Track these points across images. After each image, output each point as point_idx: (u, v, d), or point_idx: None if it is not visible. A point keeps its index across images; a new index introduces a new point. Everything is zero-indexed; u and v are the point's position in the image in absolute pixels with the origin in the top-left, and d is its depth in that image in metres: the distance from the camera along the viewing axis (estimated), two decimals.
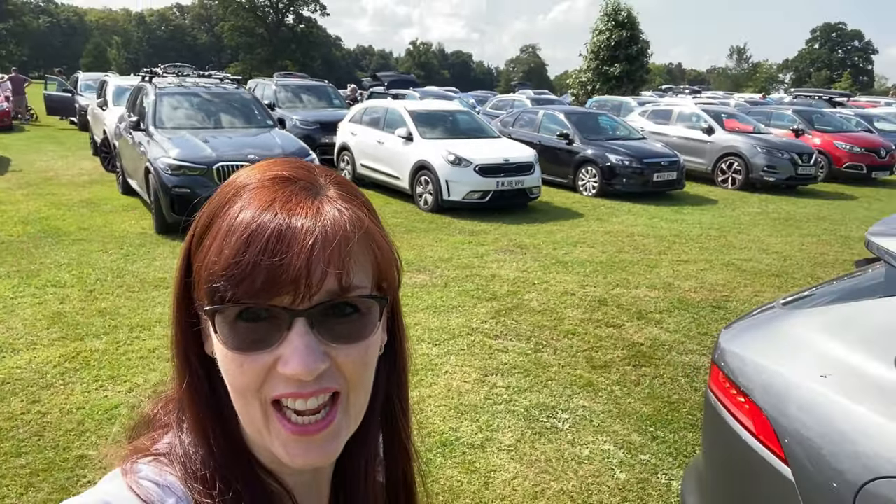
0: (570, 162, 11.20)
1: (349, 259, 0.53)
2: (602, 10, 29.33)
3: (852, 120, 15.70)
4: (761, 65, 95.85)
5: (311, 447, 0.55)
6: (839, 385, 1.50)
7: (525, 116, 12.82)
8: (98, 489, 0.56)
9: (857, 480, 1.37)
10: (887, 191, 12.99)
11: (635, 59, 28.88)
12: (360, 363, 0.56)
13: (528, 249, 7.32)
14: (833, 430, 1.48)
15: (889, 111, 19.44)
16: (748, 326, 1.90)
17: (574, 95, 29.99)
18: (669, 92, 30.44)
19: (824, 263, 7.11)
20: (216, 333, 0.55)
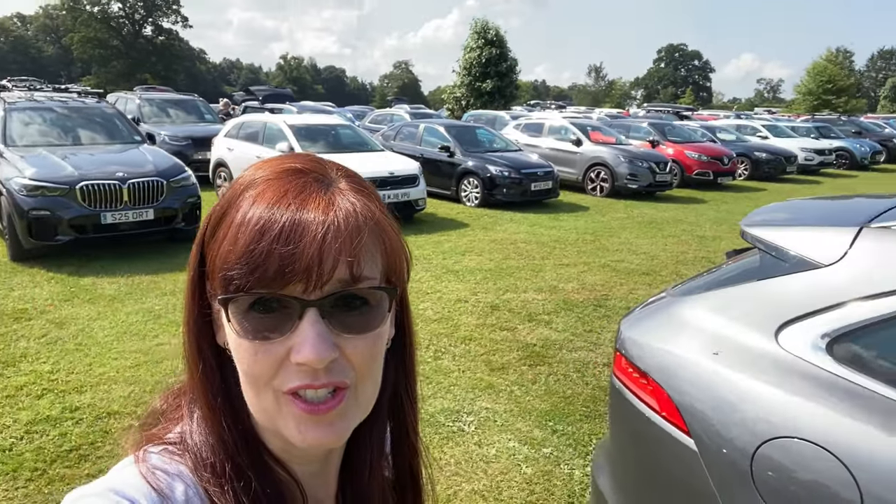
0: (452, 174, 11.47)
1: (360, 249, 0.54)
2: (472, 29, 30.43)
3: (698, 131, 17.36)
4: (616, 82, 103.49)
5: (322, 425, 0.56)
6: (729, 360, 1.68)
7: (406, 130, 12.99)
8: (108, 477, 0.56)
9: (751, 445, 1.54)
10: (731, 194, 14.46)
11: (505, 75, 30.18)
12: (368, 355, 0.57)
13: (418, 260, 7.40)
14: (725, 401, 1.65)
15: (728, 123, 21.71)
16: (645, 314, 2.06)
17: (449, 110, 30.77)
18: (538, 107, 32.02)
19: (685, 261, 7.79)
20: (229, 322, 0.55)
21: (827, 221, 1.80)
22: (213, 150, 11.02)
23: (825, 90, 52.60)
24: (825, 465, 1.41)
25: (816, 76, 53.60)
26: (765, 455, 1.51)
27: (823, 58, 58.21)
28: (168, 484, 0.56)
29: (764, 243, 1.81)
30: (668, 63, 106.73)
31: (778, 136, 20.28)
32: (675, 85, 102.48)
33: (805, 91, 54.19)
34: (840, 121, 27.55)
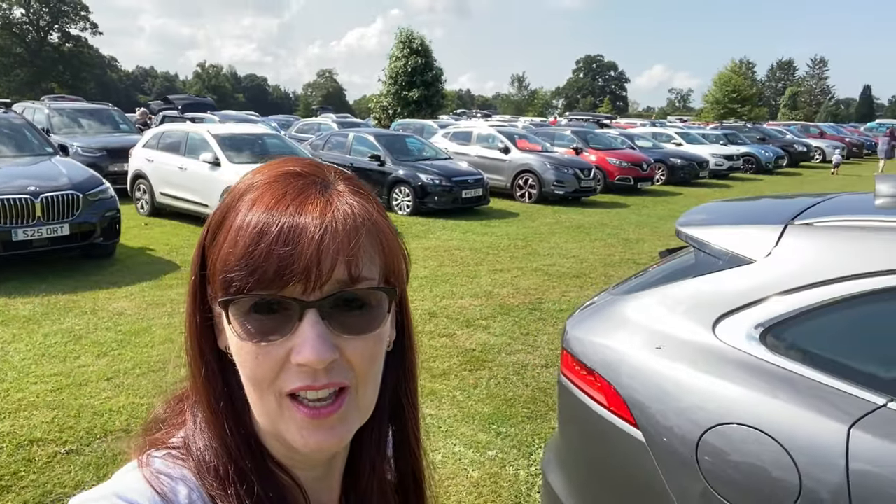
0: (383, 182, 11.45)
1: (358, 250, 0.55)
2: (397, 38, 30.51)
3: (618, 139, 18.06)
4: (538, 91, 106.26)
5: (323, 429, 0.56)
6: (671, 353, 1.77)
7: (334, 139, 12.87)
8: (112, 482, 0.56)
9: (696, 433, 1.62)
10: (651, 198, 15.11)
11: (431, 84, 30.41)
12: (368, 356, 0.57)
13: None
14: (669, 393, 1.73)
15: (645, 131, 22.69)
16: (588, 313, 2.14)
17: (377, 119, 30.69)
18: (464, 115, 32.50)
19: (612, 263, 8.08)
20: (230, 325, 0.55)
21: (755, 220, 1.92)
22: (131, 161, 10.55)
23: (731, 99, 55.90)
24: (766, 448, 1.50)
25: (722, 86, 56.89)
26: (709, 442, 1.60)
27: (728, 69, 61.89)
28: (171, 488, 0.55)
29: (698, 242, 1.91)
30: (587, 73, 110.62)
31: (691, 143, 21.36)
32: (593, 94, 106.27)
33: (713, 100, 57.40)
34: (746, 128, 29.34)
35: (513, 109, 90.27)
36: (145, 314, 5.57)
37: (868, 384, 1.47)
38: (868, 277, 1.55)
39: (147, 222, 9.89)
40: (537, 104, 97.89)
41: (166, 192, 9.93)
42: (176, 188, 9.74)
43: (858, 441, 1.40)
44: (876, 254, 1.59)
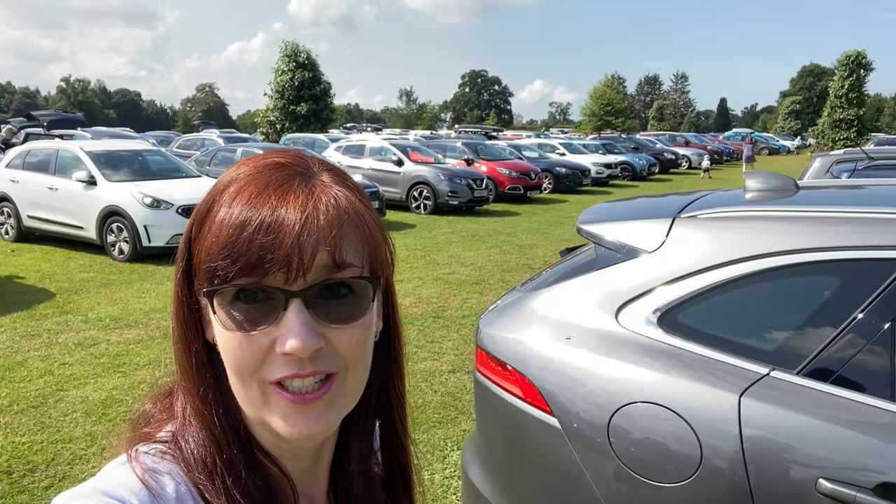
0: None
1: (340, 238, 0.55)
2: (282, 52, 29.94)
3: (506, 150, 18.71)
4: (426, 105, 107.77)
5: (310, 415, 0.56)
6: (580, 342, 1.88)
7: (221, 155, 12.43)
8: (98, 478, 0.55)
9: (606, 414, 1.73)
10: (540, 206, 15.75)
11: (320, 98, 30.05)
12: (355, 343, 0.57)
13: None
14: (580, 380, 1.84)
15: (531, 142, 23.66)
16: (499, 310, 2.22)
17: (264, 134, 29.87)
18: (354, 129, 32.36)
19: (509, 269, 8.35)
20: (215, 315, 0.55)
21: (647, 215, 2.09)
22: None
23: (606, 112, 59.50)
24: (669, 422, 1.63)
25: (598, 99, 60.48)
26: (619, 422, 1.71)
27: (602, 83, 65.89)
28: (159, 482, 0.55)
29: (598, 237, 2.05)
30: (472, 88, 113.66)
31: (573, 153, 22.53)
32: (479, 108, 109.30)
33: (589, 113, 60.84)
34: (621, 138, 31.34)
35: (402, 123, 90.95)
36: (19, 347, 5.11)
37: (753, 356, 1.64)
38: (746, 261, 1.73)
39: (14, 249, 9.05)
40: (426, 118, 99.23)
41: (35, 214, 9.14)
42: (46, 210, 9.00)
43: (748, 408, 1.56)
44: (751, 240, 1.78)
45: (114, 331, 5.57)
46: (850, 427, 1.47)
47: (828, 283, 1.71)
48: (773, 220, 1.83)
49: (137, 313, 6.07)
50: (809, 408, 1.52)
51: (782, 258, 1.70)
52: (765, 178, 2.19)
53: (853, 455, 1.44)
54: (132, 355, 4.97)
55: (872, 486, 1.37)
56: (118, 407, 4.07)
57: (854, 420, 1.47)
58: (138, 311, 6.13)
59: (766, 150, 45.75)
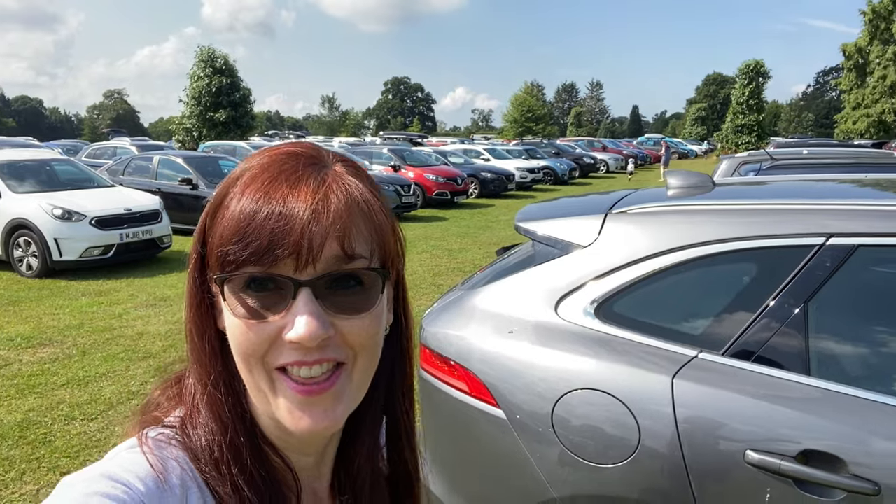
0: (197, 207, 10.76)
1: (350, 227, 0.56)
2: (198, 57, 28.94)
3: (432, 156, 18.83)
4: (349, 112, 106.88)
5: (316, 409, 0.56)
6: (522, 336, 1.95)
7: (136, 164, 11.86)
8: (103, 462, 0.55)
9: (550, 402, 1.80)
10: (467, 211, 15.95)
11: (239, 105, 29.24)
12: (365, 334, 0.58)
13: (173, 301, 6.83)
14: (524, 371, 1.91)
15: (456, 148, 23.93)
16: (442, 309, 2.26)
17: (180, 142, 28.77)
18: (276, 137, 31.65)
19: (441, 273, 8.42)
20: (225, 301, 0.56)
21: (580, 212, 2.19)
22: None
23: (526, 118, 60.92)
24: (609, 406, 1.72)
25: (518, 106, 61.86)
26: (562, 408, 1.79)
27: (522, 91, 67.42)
28: (164, 467, 0.55)
29: (535, 235, 2.13)
30: (395, 95, 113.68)
31: (497, 158, 22.96)
32: (403, 115, 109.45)
33: (511, 119, 62.14)
34: (542, 144, 32.20)
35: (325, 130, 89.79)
36: None
37: (682, 340, 1.76)
38: (672, 252, 1.85)
39: None
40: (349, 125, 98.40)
41: None
42: None
43: (680, 388, 1.67)
44: (676, 233, 1.91)
45: (26, 350, 5.24)
46: (771, 401, 1.60)
47: (746, 269, 1.85)
48: (695, 214, 1.96)
49: (51, 331, 5.73)
50: (734, 386, 1.64)
51: (704, 248, 1.83)
52: (684, 176, 2.34)
53: (775, 427, 1.57)
54: (48, 375, 4.69)
55: (794, 454, 1.50)
56: (36, 429, 3.83)
57: (774, 395, 1.60)
58: (52, 329, 5.78)
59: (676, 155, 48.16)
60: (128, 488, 0.52)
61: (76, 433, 3.82)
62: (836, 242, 1.65)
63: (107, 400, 4.30)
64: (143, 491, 0.53)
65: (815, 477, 1.48)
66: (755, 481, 1.54)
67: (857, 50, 44.76)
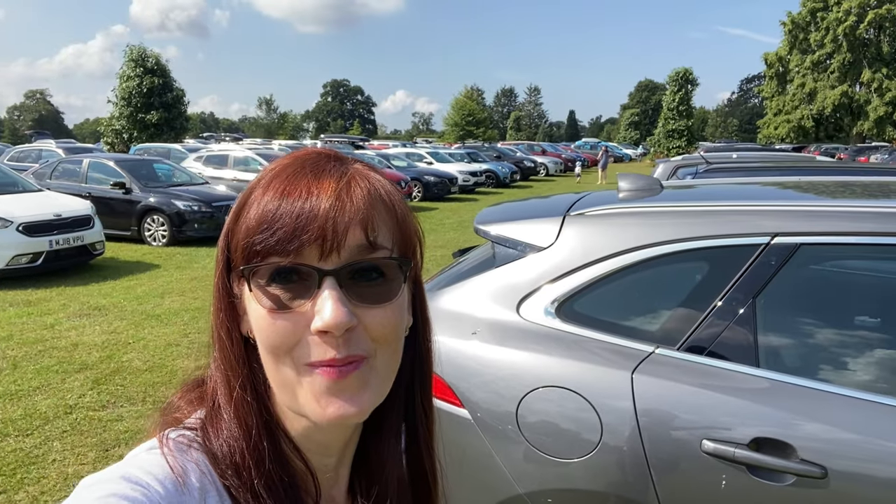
0: (131, 212, 10.38)
1: (374, 216, 0.57)
2: (127, 56, 27.87)
3: (375, 159, 18.76)
4: (288, 114, 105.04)
5: (343, 397, 0.56)
6: (486, 336, 1.98)
7: (64, 167, 11.30)
8: (122, 463, 0.55)
9: (514, 400, 1.84)
10: None
11: (172, 106, 28.33)
12: (387, 325, 0.58)
13: (108, 310, 6.55)
14: (488, 371, 1.94)
15: (399, 151, 23.89)
16: None
17: (109, 144, 27.61)
18: (212, 139, 30.83)
19: None
20: (251, 292, 0.56)
21: (539, 214, 2.24)
22: None
23: (467, 122, 61.44)
24: (572, 402, 1.77)
25: (459, 110, 62.30)
26: (526, 407, 1.83)
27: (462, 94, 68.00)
28: (183, 469, 0.55)
29: (495, 237, 2.17)
30: (335, 97, 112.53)
31: (440, 162, 23.07)
32: (343, 118, 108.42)
33: (452, 123, 62.53)
34: (484, 147, 32.56)
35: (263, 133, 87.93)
36: None
37: (640, 337, 1.83)
38: (629, 252, 1.92)
39: None
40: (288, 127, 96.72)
41: None
42: None
43: (639, 383, 1.73)
44: (631, 234, 1.98)
45: None
46: (724, 392, 1.69)
47: (699, 268, 1.94)
48: (650, 216, 2.04)
49: None
50: (690, 379, 1.72)
51: (659, 248, 1.91)
52: (634, 179, 2.43)
53: (729, 417, 1.65)
54: None
55: (747, 442, 1.58)
56: None
57: (727, 386, 1.69)
58: None
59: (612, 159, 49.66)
60: (146, 490, 0.52)
61: (11, 450, 3.62)
62: (780, 241, 1.76)
63: (42, 414, 4.09)
64: (161, 493, 0.52)
65: (767, 463, 1.57)
66: (711, 469, 1.62)
67: (777, 59, 47.32)
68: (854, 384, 1.65)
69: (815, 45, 44.78)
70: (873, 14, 42.05)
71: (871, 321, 1.88)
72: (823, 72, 45.07)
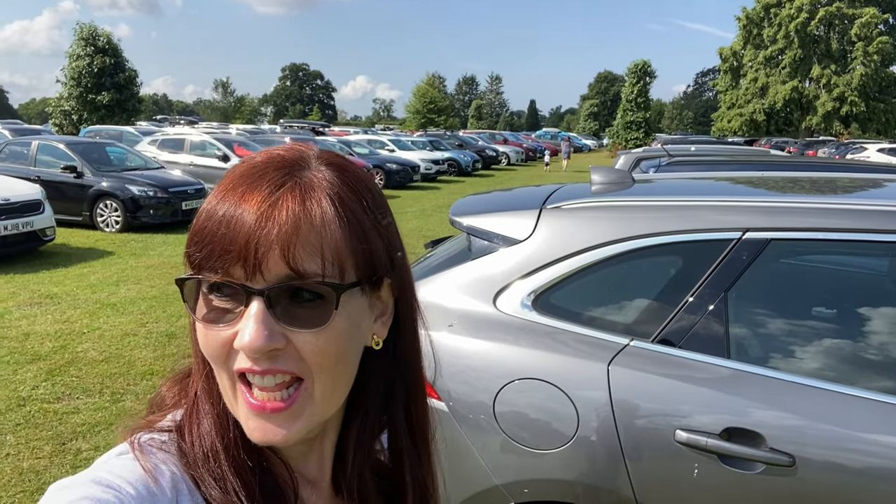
0: (82, 197, 10.01)
1: (295, 241, 0.53)
2: (77, 35, 26.80)
3: (336, 146, 18.53)
4: (245, 98, 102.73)
5: (269, 426, 0.56)
6: (461, 329, 1.98)
7: (11, 149, 10.82)
8: (93, 467, 0.55)
9: (491, 392, 1.85)
10: None
11: (124, 87, 27.40)
12: (322, 351, 0.55)
13: (61, 298, 6.33)
14: (464, 364, 1.94)
15: (361, 138, 23.65)
16: None
17: (57, 125, 26.55)
18: (166, 122, 29.93)
19: None
20: (186, 303, 0.57)
21: (515, 207, 2.24)
22: None
23: (429, 109, 61.23)
24: (548, 393, 1.79)
25: (421, 97, 62.02)
26: (503, 399, 1.84)
27: (424, 82, 67.64)
28: (154, 471, 0.55)
29: (471, 229, 2.17)
30: (294, 81, 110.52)
31: (402, 149, 22.94)
32: (302, 103, 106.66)
33: (414, 110, 62.26)
34: (446, 135, 32.51)
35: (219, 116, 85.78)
36: None
37: (615, 329, 1.85)
38: (604, 246, 1.94)
39: None
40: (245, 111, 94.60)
41: None
42: None
43: (615, 374, 1.76)
44: (606, 227, 2.00)
45: None
46: (696, 384, 1.73)
47: (672, 262, 1.98)
48: (625, 210, 2.06)
49: None
50: (664, 370, 1.76)
51: (634, 242, 1.93)
52: (606, 173, 2.46)
53: (701, 407, 1.70)
54: None
55: (719, 432, 1.63)
56: None
57: (699, 377, 1.73)
58: None
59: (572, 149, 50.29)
60: (118, 492, 0.52)
61: None
62: (751, 237, 1.80)
63: None
64: (133, 495, 0.52)
65: (737, 452, 1.62)
66: (684, 459, 1.66)
67: (732, 53, 48.50)
68: (822, 375, 1.71)
69: (769, 40, 46.06)
70: (824, 11, 43.48)
71: (839, 314, 1.95)
72: (775, 67, 46.43)
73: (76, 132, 22.17)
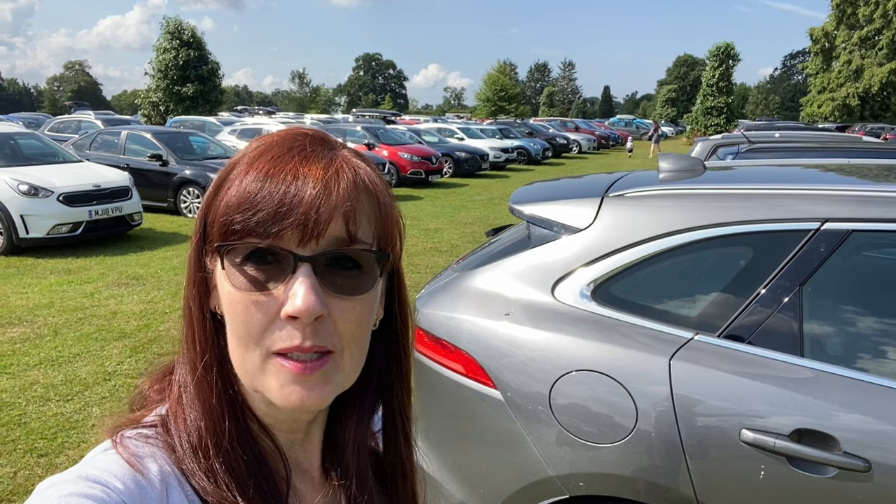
0: (167, 184, 10.54)
1: (357, 208, 0.56)
2: (164, 29, 28.14)
3: (406, 134, 18.68)
4: (320, 88, 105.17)
5: (305, 386, 0.56)
6: (519, 318, 1.96)
7: (102, 138, 11.50)
8: (81, 464, 0.55)
9: (548, 383, 1.82)
10: (441, 190, 15.90)
11: (207, 79, 28.60)
12: (354, 320, 0.57)
13: (146, 280, 6.70)
14: (521, 353, 1.92)
15: (430, 126, 23.77)
16: (435, 290, 2.26)
17: (146, 116, 28.05)
18: (246, 112, 31.07)
19: (417, 253, 8.40)
20: (224, 271, 0.55)
21: (576, 195, 2.19)
22: None
23: (499, 97, 60.72)
24: (606, 386, 1.75)
25: (492, 85, 61.55)
26: (559, 390, 1.81)
27: (495, 69, 67.10)
28: (141, 464, 0.55)
29: (531, 217, 2.13)
30: (367, 71, 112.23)
31: (471, 138, 22.88)
32: (374, 92, 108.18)
33: (484, 98, 61.86)
34: (516, 123, 32.17)
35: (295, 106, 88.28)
36: None
37: (679, 323, 1.79)
38: (669, 236, 1.87)
39: None
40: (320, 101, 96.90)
41: None
42: None
43: (677, 369, 1.70)
44: (673, 216, 1.93)
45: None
46: (765, 381, 1.64)
47: (742, 253, 1.88)
48: (692, 198, 1.98)
49: (20, 310, 5.58)
50: (730, 367, 1.68)
51: (701, 232, 1.85)
52: (675, 160, 2.36)
53: (770, 406, 1.61)
54: (20, 355, 4.58)
55: (788, 433, 1.54)
56: (10, 411, 3.75)
57: (769, 375, 1.64)
58: (21, 308, 5.63)
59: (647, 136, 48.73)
60: (106, 487, 0.52)
61: (52, 414, 3.74)
62: (830, 227, 1.69)
63: (82, 380, 4.22)
64: (121, 489, 0.52)
65: (808, 455, 1.53)
66: (750, 459, 1.59)
67: (823, 34, 45.52)
68: None
69: (864, 20, 42.91)
70: None
71: None
72: (871, 48, 43.24)
73: (163, 122, 23.34)
